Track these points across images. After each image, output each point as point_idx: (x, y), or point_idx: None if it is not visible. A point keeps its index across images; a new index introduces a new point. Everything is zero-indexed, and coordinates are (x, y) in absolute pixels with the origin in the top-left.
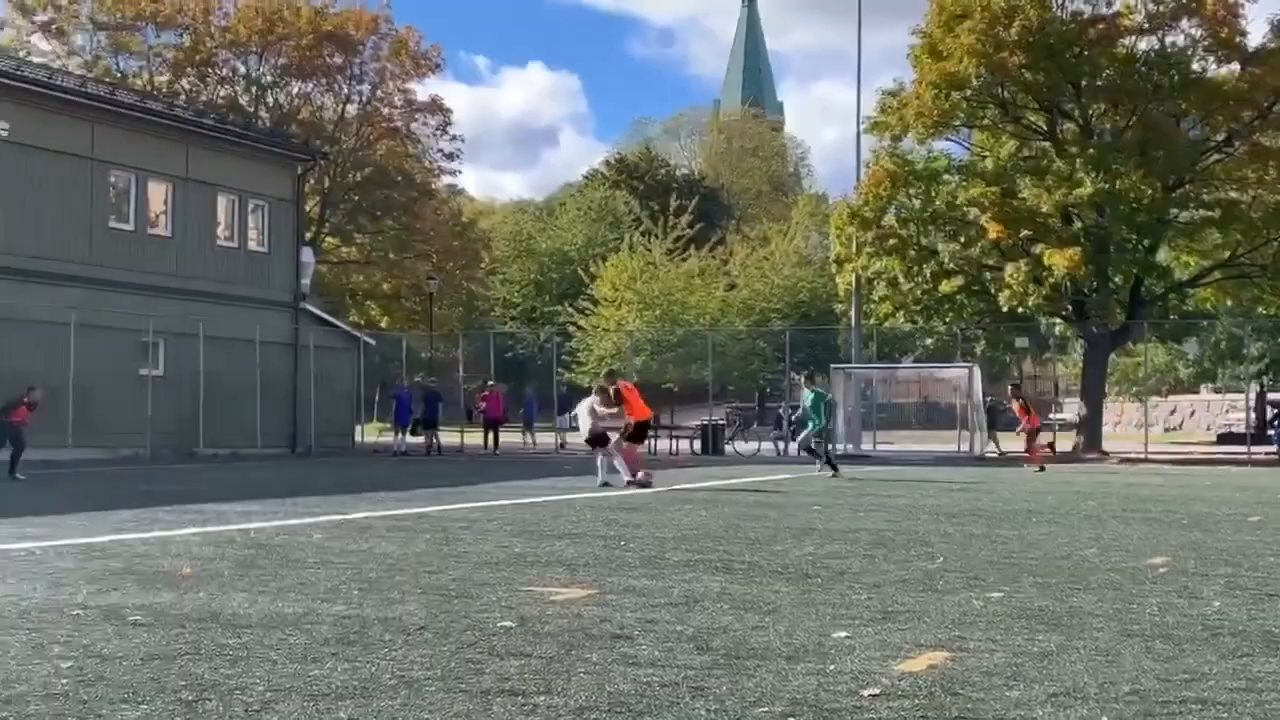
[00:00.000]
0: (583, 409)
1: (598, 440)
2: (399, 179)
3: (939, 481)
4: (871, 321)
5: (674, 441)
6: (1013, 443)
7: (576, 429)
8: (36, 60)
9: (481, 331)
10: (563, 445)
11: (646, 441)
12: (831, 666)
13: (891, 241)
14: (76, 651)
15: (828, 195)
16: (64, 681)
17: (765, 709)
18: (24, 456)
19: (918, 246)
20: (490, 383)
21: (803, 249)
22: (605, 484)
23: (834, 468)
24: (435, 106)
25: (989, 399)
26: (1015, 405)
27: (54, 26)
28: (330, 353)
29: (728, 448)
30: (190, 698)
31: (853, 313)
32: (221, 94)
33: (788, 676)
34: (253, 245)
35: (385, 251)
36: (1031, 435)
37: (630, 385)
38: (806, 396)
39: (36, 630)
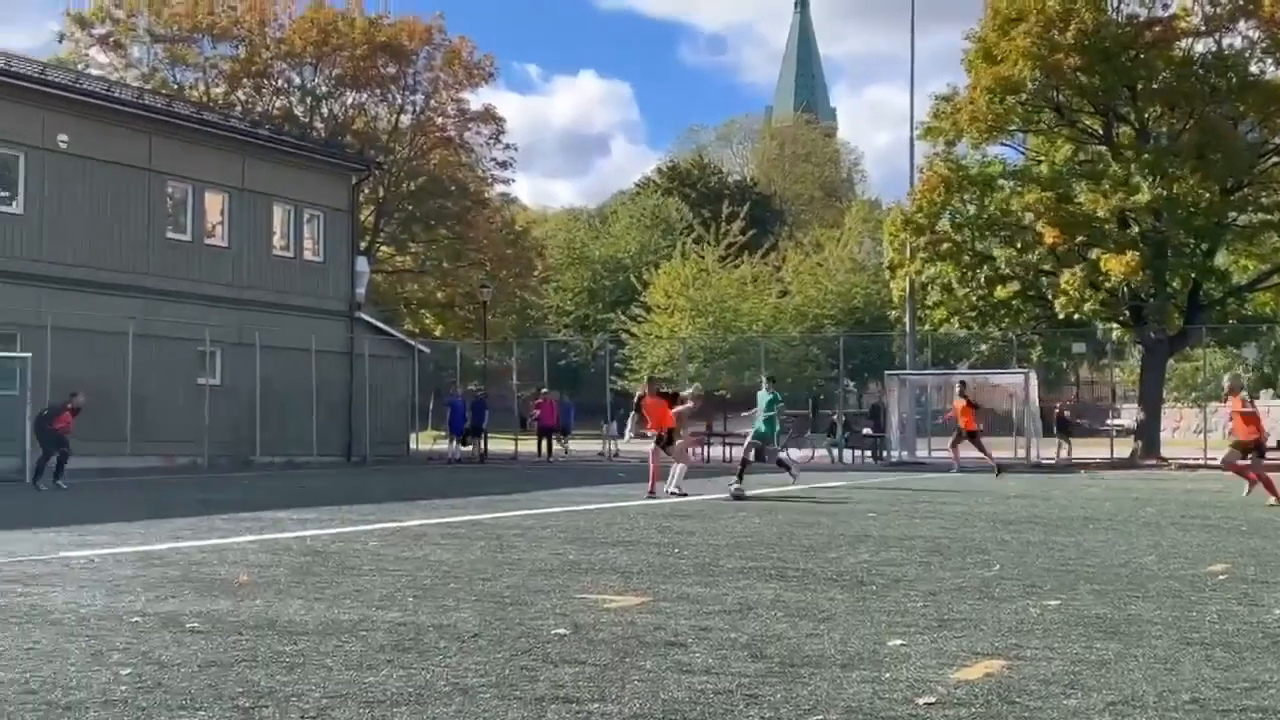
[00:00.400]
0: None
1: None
2: (452, 188)
3: (994, 488)
4: (926, 328)
5: (727, 449)
6: (1085, 449)
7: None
8: (95, 73)
9: (535, 339)
10: (616, 454)
11: (700, 448)
12: (887, 674)
13: (945, 247)
14: (135, 658)
15: (881, 201)
16: (123, 688)
17: (820, 717)
18: (69, 464)
19: (972, 252)
20: (544, 390)
21: (856, 255)
22: (674, 492)
23: (789, 471)
24: (488, 115)
25: (1060, 405)
26: (958, 405)
27: (112, 39)
28: (385, 361)
29: (781, 455)
30: (247, 704)
31: (907, 319)
32: (277, 105)
33: (842, 684)
34: (308, 255)
35: (439, 260)
36: (972, 438)
37: (653, 396)
38: (763, 399)
39: (95, 637)
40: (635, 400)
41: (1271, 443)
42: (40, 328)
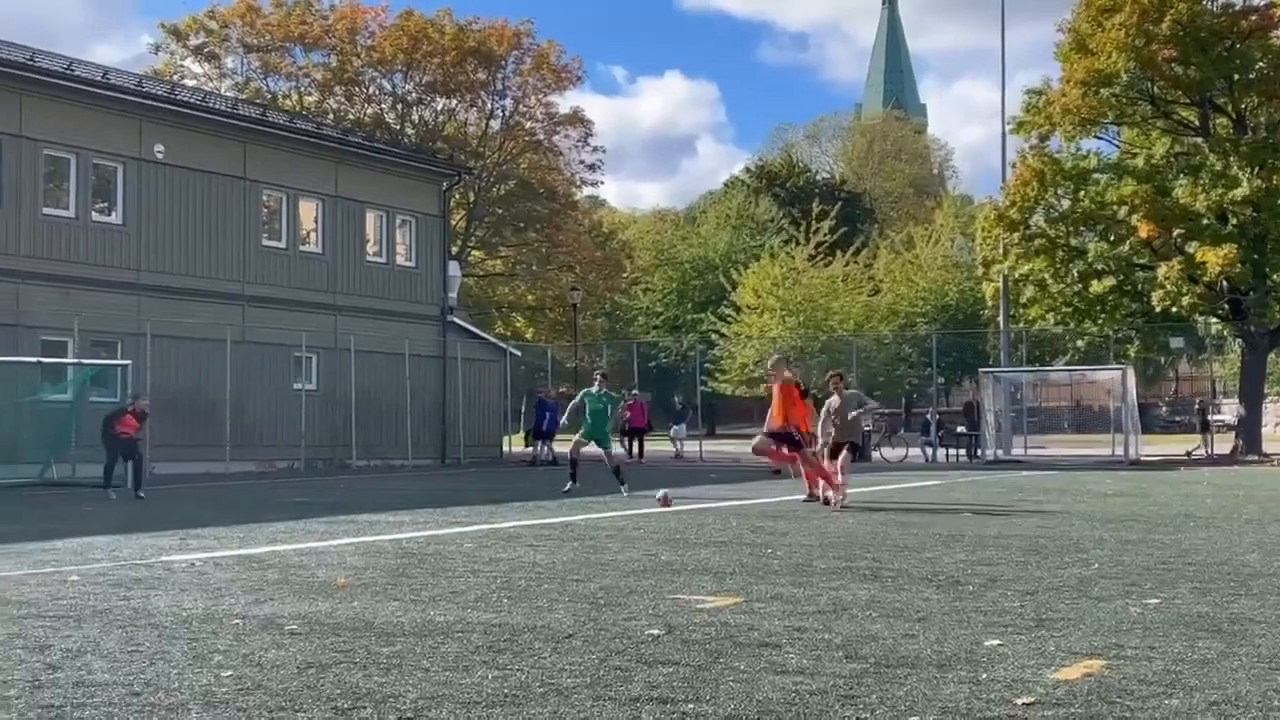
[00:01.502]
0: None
1: (788, 443)
2: (541, 191)
3: (1092, 486)
4: (1020, 325)
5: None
6: (1183, 446)
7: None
8: (190, 84)
9: (625, 341)
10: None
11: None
12: (984, 675)
13: (1039, 242)
14: (236, 660)
15: (972, 197)
16: (224, 690)
17: (916, 718)
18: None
19: (1066, 247)
20: (634, 392)
21: (948, 252)
22: (812, 498)
23: (622, 483)
24: (576, 119)
25: (1200, 401)
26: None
27: (206, 50)
28: (477, 364)
29: (874, 454)
30: (345, 706)
31: (1000, 316)
32: (368, 112)
33: (939, 685)
34: (401, 260)
35: (529, 263)
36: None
37: (783, 383)
38: (593, 399)
39: (197, 640)
40: (805, 390)
41: None
42: (139, 335)
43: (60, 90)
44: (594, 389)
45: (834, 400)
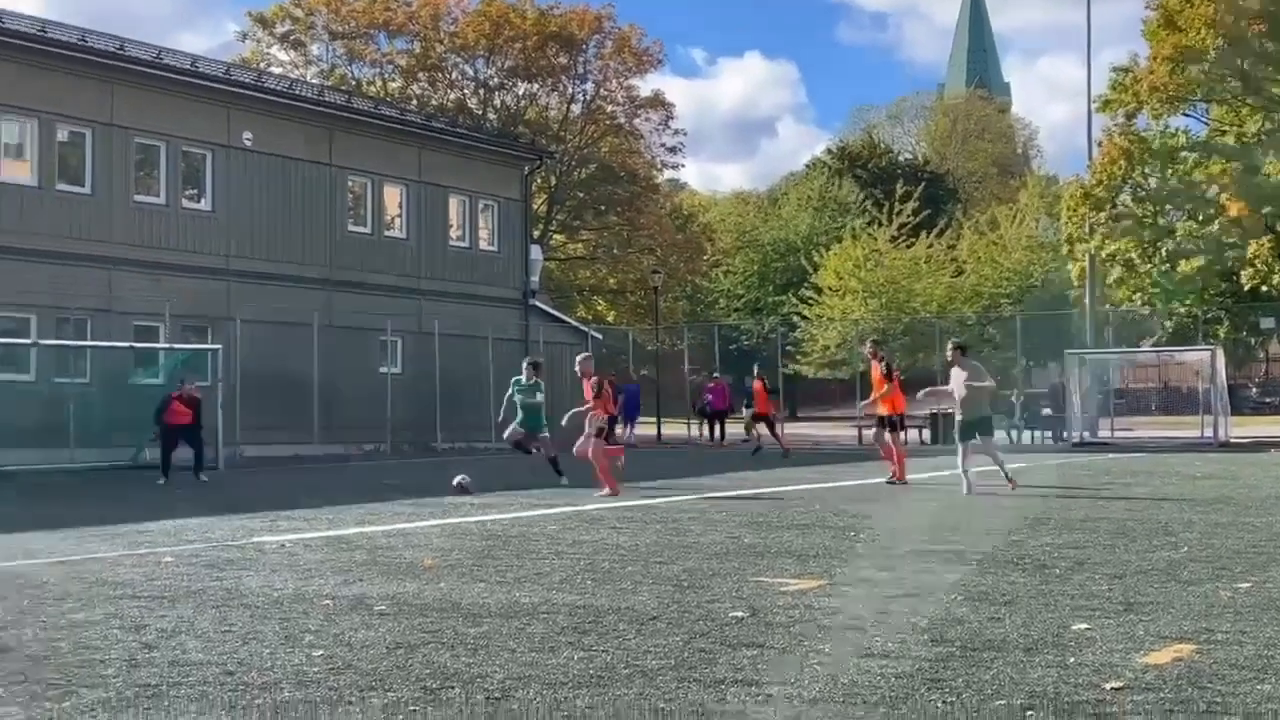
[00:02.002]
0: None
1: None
2: (622, 175)
3: (1181, 469)
4: (1107, 306)
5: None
6: (1272, 426)
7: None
8: (276, 71)
9: (706, 323)
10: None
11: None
12: (1072, 659)
13: (1126, 222)
14: (326, 640)
15: (1057, 176)
16: (315, 669)
17: (1003, 702)
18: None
19: (1154, 226)
20: (715, 374)
21: (1033, 232)
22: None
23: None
24: (657, 102)
25: None
26: (757, 384)
27: (292, 38)
28: (559, 348)
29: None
30: (434, 685)
31: (1086, 297)
32: (451, 97)
33: (1026, 669)
34: (483, 244)
35: (610, 247)
36: (758, 419)
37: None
38: (522, 387)
39: (288, 620)
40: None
41: None
42: (229, 320)
43: (150, 79)
44: (523, 378)
45: (958, 373)
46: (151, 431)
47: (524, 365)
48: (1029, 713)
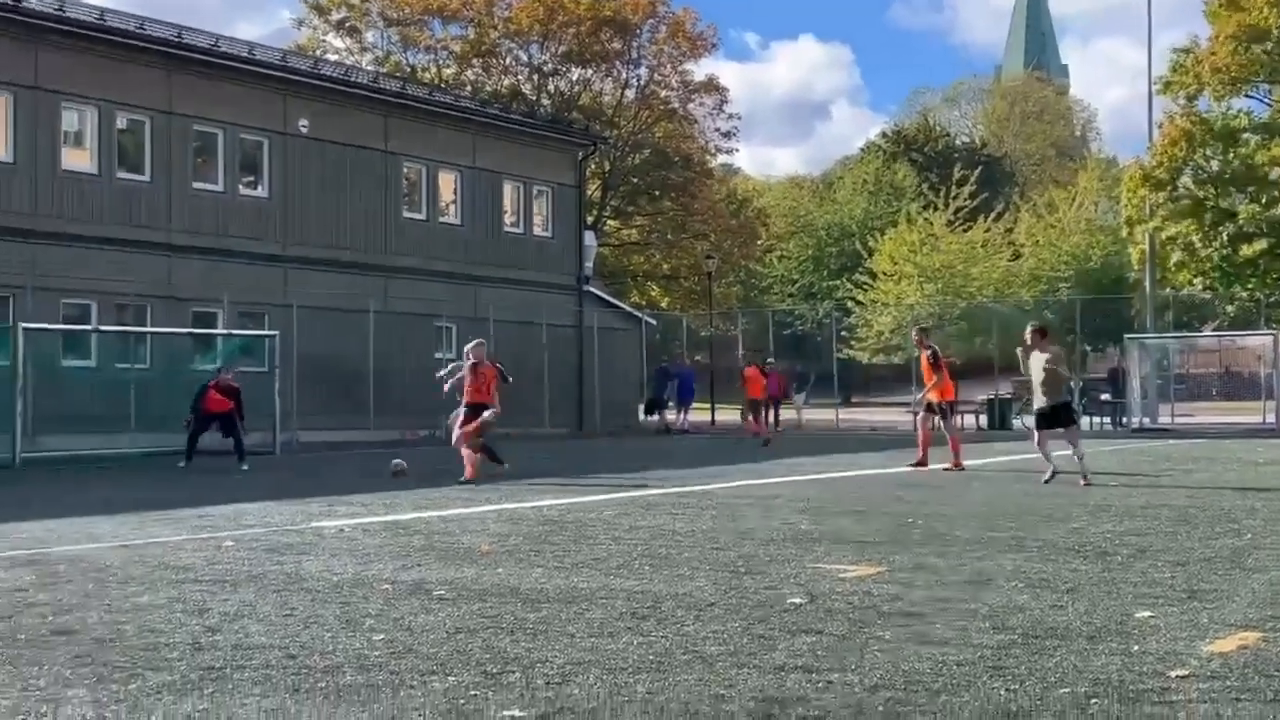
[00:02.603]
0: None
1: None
2: (676, 160)
3: (1243, 455)
4: (1167, 290)
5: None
6: None
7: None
8: (332, 58)
9: (760, 309)
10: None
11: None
12: (1135, 647)
13: (1187, 204)
14: (387, 624)
15: (1117, 159)
16: (376, 653)
17: (1067, 690)
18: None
19: (1215, 209)
20: (770, 360)
21: (1092, 215)
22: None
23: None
24: (711, 86)
25: None
26: (750, 370)
27: (347, 24)
28: (613, 333)
29: (1015, 423)
30: (494, 670)
31: (1146, 280)
32: (505, 83)
33: (1089, 657)
34: (538, 230)
35: (664, 232)
36: (755, 405)
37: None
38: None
39: (348, 604)
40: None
41: None
42: (286, 306)
43: (207, 67)
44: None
45: (1039, 355)
46: (185, 418)
47: (466, 352)
48: (1093, 701)
